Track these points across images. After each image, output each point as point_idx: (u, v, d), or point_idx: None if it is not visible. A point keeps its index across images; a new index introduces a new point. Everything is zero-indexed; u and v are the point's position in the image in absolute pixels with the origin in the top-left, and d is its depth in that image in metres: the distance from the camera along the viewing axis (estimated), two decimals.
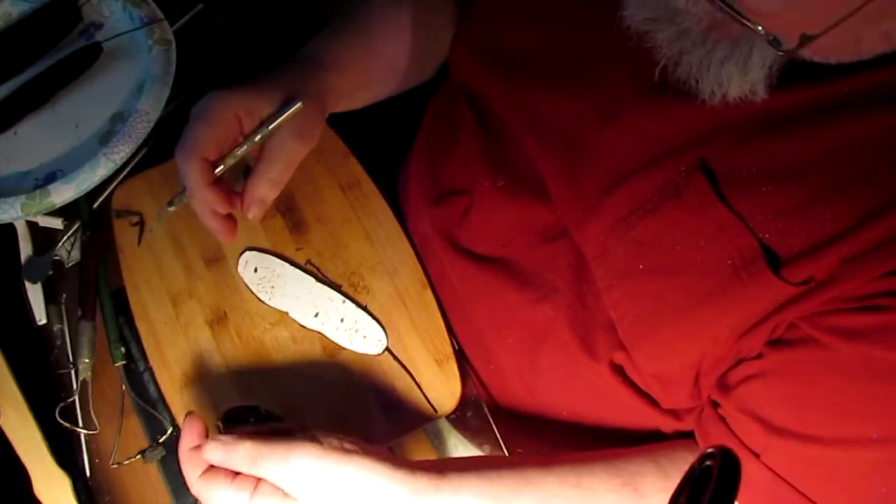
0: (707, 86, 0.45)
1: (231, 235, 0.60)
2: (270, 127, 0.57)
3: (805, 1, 0.36)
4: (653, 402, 0.58)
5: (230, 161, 0.58)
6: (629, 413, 0.61)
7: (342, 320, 0.68)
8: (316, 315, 0.68)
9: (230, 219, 0.60)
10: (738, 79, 0.43)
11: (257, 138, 0.58)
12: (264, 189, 0.59)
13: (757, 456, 0.51)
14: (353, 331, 0.67)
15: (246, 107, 0.57)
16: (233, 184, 0.63)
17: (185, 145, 0.56)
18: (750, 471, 0.51)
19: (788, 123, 0.46)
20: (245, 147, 0.58)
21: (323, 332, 0.67)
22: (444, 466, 0.54)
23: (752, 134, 0.47)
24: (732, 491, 0.32)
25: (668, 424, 0.60)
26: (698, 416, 0.57)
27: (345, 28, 0.69)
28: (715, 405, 0.55)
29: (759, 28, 0.38)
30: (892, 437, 0.45)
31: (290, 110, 0.57)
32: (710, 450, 0.34)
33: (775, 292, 0.46)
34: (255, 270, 0.69)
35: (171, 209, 0.61)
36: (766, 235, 0.46)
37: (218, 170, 0.58)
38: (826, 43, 0.38)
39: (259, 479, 0.52)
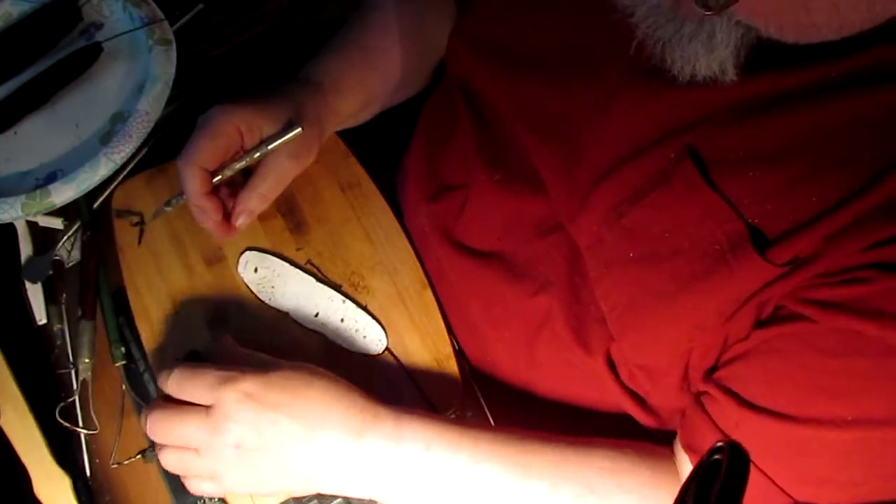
0: (676, 62, 0.45)
1: (228, 234, 0.65)
2: (269, 147, 0.61)
3: None
4: (640, 400, 0.59)
5: (227, 173, 0.62)
6: (619, 410, 0.61)
7: (342, 320, 0.68)
8: (316, 315, 0.68)
9: (225, 220, 0.64)
10: (705, 56, 0.44)
11: (256, 155, 0.62)
12: (254, 202, 0.64)
13: (727, 436, 0.50)
14: (353, 331, 0.67)
15: (249, 123, 0.61)
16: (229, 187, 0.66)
17: (187, 153, 0.60)
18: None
19: (773, 107, 0.46)
20: (243, 162, 0.62)
21: (323, 332, 0.67)
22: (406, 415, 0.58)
23: (738, 118, 0.47)
24: (741, 485, 0.32)
25: (653, 423, 0.60)
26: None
27: (345, 48, 0.71)
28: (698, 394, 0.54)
29: None
30: (867, 419, 0.44)
31: (291, 134, 0.61)
32: (719, 443, 0.34)
33: (760, 273, 0.46)
34: (256, 270, 0.69)
35: (168, 209, 0.65)
36: (756, 220, 0.46)
37: (215, 179, 0.62)
38: (769, 10, 0.38)
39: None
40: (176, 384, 0.56)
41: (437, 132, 0.73)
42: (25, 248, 0.73)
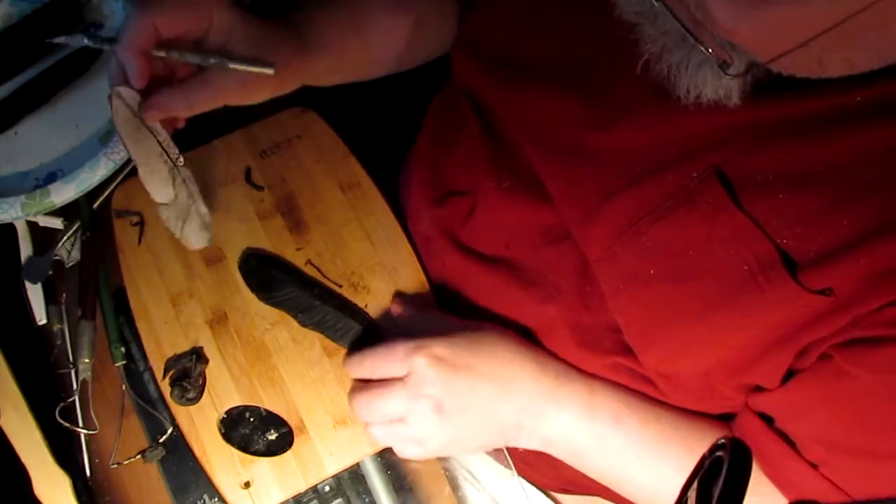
0: (682, 86, 0.45)
1: (138, 80, 0.55)
2: (231, 65, 0.55)
3: (766, 26, 0.36)
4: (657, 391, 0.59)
5: (174, 54, 0.55)
6: None
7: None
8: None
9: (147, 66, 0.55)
10: (713, 83, 0.44)
11: (212, 61, 0.55)
12: (177, 102, 0.56)
13: (815, 467, 0.51)
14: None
15: (228, 20, 0.56)
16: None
17: (149, 4, 0.54)
18: (809, 480, 0.52)
19: (803, 130, 0.46)
20: (196, 58, 0.56)
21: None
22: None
23: (767, 140, 0.47)
24: (743, 482, 0.32)
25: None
26: (740, 419, 0.57)
27: (337, 10, 0.67)
28: (763, 415, 0.55)
29: (709, 50, 0.40)
30: None
31: (258, 70, 0.55)
32: (721, 440, 0.34)
33: (795, 299, 0.46)
34: None
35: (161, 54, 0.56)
36: (784, 241, 0.46)
37: (158, 52, 0.55)
38: (786, 62, 0.39)
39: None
40: (369, 366, 0.60)
41: (442, 136, 0.73)
42: (25, 248, 0.73)
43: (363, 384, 0.61)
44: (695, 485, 0.35)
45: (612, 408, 0.59)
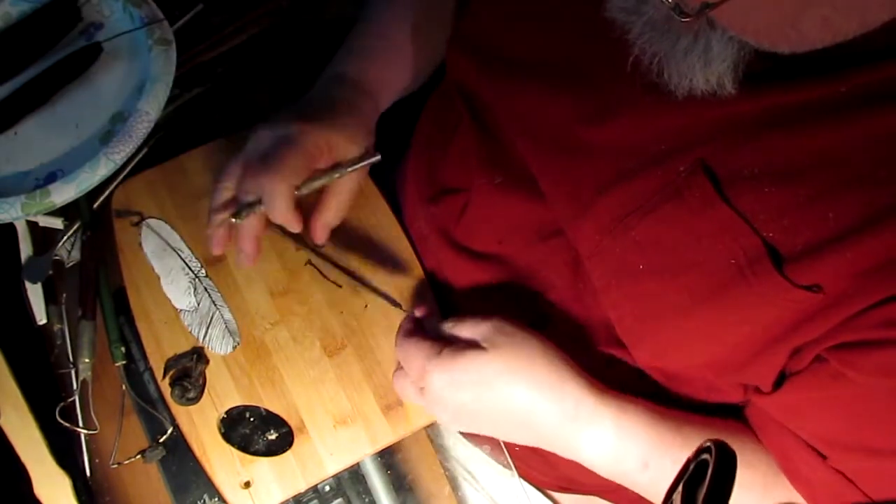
0: (673, 77, 0.45)
1: (255, 261, 0.66)
2: (349, 170, 0.62)
3: None
4: (651, 392, 0.59)
5: (304, 191, 0.61)
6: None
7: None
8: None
9: (261, 246, 0.65)
10: (702, 71, 0.44)
11: (336, 176, 0.62)
12: (332, 216, 0.65)
13: (824, 458, 0.51)
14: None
15: (332, 143, 0.62)
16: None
17: (277, 169, 0.59)
18: (821, 474, 0.51)
19: (786, 123, 0.46)
20: (324, 180, 0.62)
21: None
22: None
23: (753, 133, 0.47)
24: (728, 485, 0.32)
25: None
26: (750, 413, 0.57)
27: (383, 49, 0.71)
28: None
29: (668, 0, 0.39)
30: None
31: (371, 160, 0.63)
32: (706, 443, 0.34)
33: (782, 294, 0.46)
34: None
35: (237, 221, 0.62)
36: (771, 234, 0.46)
37: (301, 190, 0.61)
38: (757, 22, 0.38)
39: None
40: (401, 352, 0.59)
41: (436, 135, 0.73)
42: (25, 248, 0.73)
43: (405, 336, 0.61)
44: (679, 488, 0.35)
45: (640, 452, 0.56)
